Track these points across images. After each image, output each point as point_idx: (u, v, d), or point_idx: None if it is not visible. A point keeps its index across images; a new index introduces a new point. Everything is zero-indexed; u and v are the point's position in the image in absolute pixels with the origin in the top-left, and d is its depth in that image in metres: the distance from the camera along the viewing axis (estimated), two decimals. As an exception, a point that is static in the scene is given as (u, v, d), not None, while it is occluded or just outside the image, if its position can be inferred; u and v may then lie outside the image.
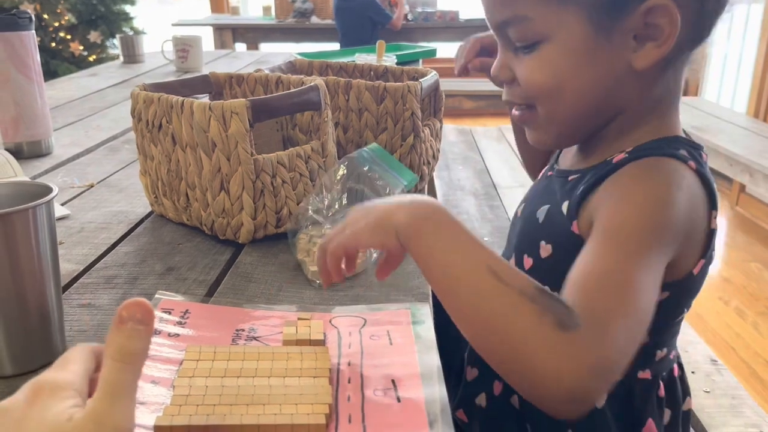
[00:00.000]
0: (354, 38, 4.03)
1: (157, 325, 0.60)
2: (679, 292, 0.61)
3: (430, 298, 0.67)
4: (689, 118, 3.18)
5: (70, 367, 0.39)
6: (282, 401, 0.48)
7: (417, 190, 0.99)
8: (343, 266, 0.57)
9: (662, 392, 0.66)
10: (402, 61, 1.99)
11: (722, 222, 3.23)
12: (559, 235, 0.64)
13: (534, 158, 0.88)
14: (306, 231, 0.77)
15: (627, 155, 0.60)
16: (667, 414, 0.68)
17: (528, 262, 0.69)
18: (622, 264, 0.50)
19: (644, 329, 0.50)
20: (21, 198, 0.54)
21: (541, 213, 0.67)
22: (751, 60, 3.54)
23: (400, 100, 0.92)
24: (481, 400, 0.72)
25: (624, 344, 0.47)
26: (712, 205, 0.58)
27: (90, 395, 0.38)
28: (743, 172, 2.74)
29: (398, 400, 0.51)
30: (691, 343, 1.29)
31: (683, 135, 0.64)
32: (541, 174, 0.76)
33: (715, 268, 2.71)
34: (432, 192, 2.23)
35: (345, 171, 0.80)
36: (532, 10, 0.57)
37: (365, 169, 0.80)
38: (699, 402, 1.10)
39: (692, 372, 1.19)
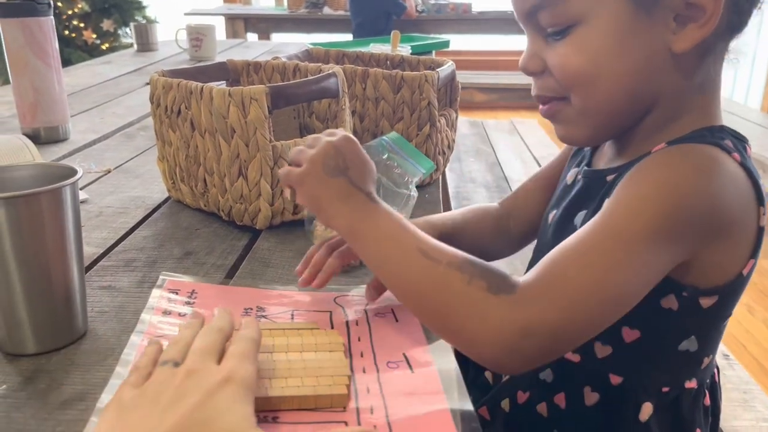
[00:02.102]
0: (369, 29, 4.02)
1: (166, 305, 0.61)
2: (727, 296, 0.58)
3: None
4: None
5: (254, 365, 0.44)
6: (303, 374, 0.49)
7: (432, 179, 0.99)
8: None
9: (708, 401, 0.64)
10: (415, 52, 1.99)
11: (734, 218, 3.21)
12: None
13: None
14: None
15: (667, 144, 0.56)
16: (710, 422, 0.66)
17: None
18: (603, 243, 0.50)
19: (606, 316, 0.51)
20: (46, 179, 0.55)
21: (579, 219, 0.63)
22: (765, 55, 3.51)
23: (417, 90, 0.92)
24: (505, 404, 0.70)
25: (568, 316, 0.49)
26: (760, 201, 0.54)
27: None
28: (758, 169, 2.72)
29: (411, 371, 0.52)
30: (703, 338, 1.29)
31: (727, 126, 0.59)
32: (569, 178, 0.70)
33: (726, 265, 2.70)
34: (443, 184, 2.23)
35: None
36: None
37: (384, 157, 0.80)
38: (710, 395, 1.10)
39: (704, 366, 1.19)
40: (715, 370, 0.66)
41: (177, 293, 0.63)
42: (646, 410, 0.61)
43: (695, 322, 0.58)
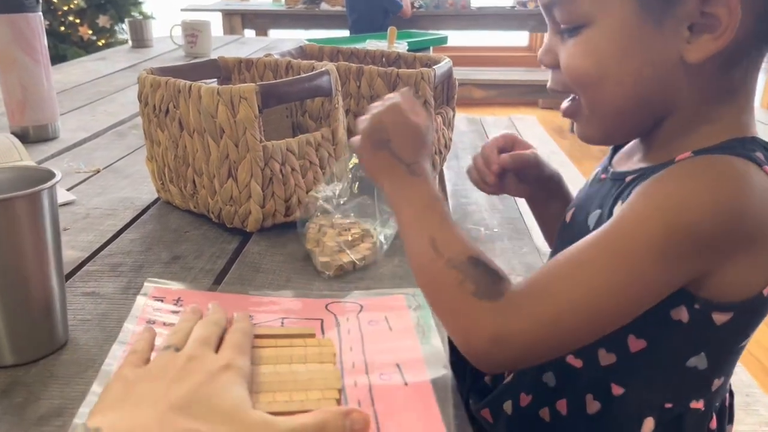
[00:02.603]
0: (365, 26, 3.99)
1: (151, 314, 0.58)
2: (744, 314, 0.54)
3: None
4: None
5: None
6: (291, 388, 0.47)
7: (428, 179, 0.97)
8: None
9: (714, 424, 0.60)
10: (413, 49, 1.97)
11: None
12: None
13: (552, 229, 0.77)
14: (315, 220, 0.75)
15: (693, 154, 0.53)
16: None
17: None
18: (599, 260, 0.49)
19: (588, 335, 0.50)
20: (24, 183, 0.53)
21: (593, 218, 0.61)
22: (766, 51, 3.49)
23: (413, 88, 0.89)
24: (508, 407, 0.68)
25: (546, 331, 0.49)
26: None
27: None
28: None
29: (405, 384, 0.50)
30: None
31: (759, 138, 0.55)
32: (591, 178, 0.68)
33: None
34: (441, 181, 2.20)
35: (357, 159, 0.78)
36: None
37: (377, 157, 0.78)
38: (712, 399, 1.08)
39: (705, 368, 1.17)
40: (727, 395, 0.63)
41: (162, 301, 0.61)
42: (648, 425, 0.58)
43: (706, 339, 0.55)
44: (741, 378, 1.15)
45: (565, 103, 0.61)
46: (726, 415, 0.63)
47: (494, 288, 0.50)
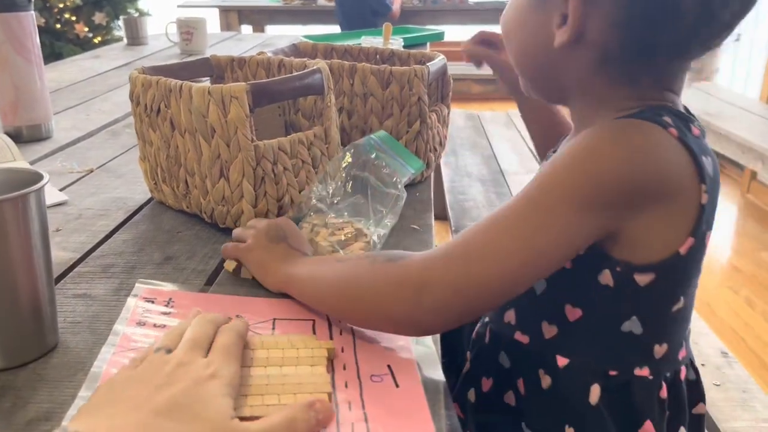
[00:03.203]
0: (354, 27, 3.97)
1: (141, 316, 0.58)
2: (665, 275, 0.56)
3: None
4: (701, 103, 3.13)
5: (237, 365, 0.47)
6: (280, 391, 0.46)
7: (423, 177, 0.96)
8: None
9: (664, 393, 0.61)
10: (409, 45, 1.96)
11: (732, 210, 3.19)
12: None
13: (543, 138, 0.92)
14: (308, 220, 0.75)
15: (602, 122, 0.58)
16: (666, 417, 0.62)
17: None
18: (513, 211, 0.53)
19: (510, 276, 0.52)
20: (11, 186, 0.52)
21: None
22: (764, 44, 3.48)
23: (407, 85, 0.89)
24: (471, 395, 0.70)
25: (465, 271, 0.52)
26: (701, 179, 0.54)
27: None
28: (755, 160, 2.69)
29: (396, 385, 0.49)
30: (702, 335, 1.26)
31: (669, 106, 0.58)
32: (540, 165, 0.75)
33: (724, 257, 2.68)
34: (438, 179, 2.21)
35: (351, 158, 0.78)
36: None
37: (372, 156, 0.77)
38: (709, 396, 1.08)
39: (702, 364, 1.17)
40: (684, 368, 0.63)
41: (153, 302, 0.60)
42: (595, 392, 0.60)
43: (634, 302, 0.58)
44: (738, 373, 1.15)
45: None
46: (683, 389, 0.63)
47: (407, 254, 0.56)
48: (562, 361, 0.61)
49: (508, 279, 0.52)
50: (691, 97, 3.26)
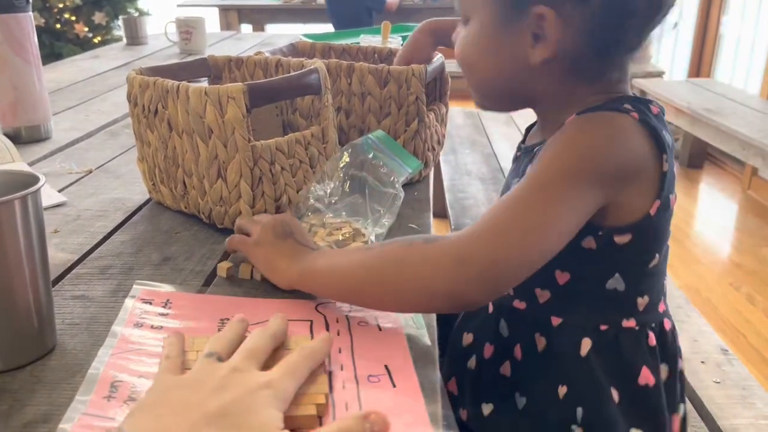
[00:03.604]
0: (347, 25, 3.95)
1: (138, 318, 0.58)
2: (640, 234, 0.64)
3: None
4: (701, 99, 3.13)
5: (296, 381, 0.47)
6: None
7: (422, 176, 0.96)
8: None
9: (653, 341, 0.67)
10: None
11: (733, 206, 3.19)
12: None
13: None
14: (306, 219, 0.75)
15: (576, 115, 0.64)
16: (664, 369, 0.68)
17: None
18: (528, 192, 0.58)
19: (536, 248, 0.57)
20: (7, 188, 0.52)
21: (514, 184, 0.71)
22: (764, 41, 3.47)
23: (404, 84, 0.89)
24: (472, 362, 0.73)
25: (500, 244, 0.56)
26: (661, 149, 0.62)
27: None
28: (755, 156, 2.69)
29: (393, 385, 0.49)
30: (702, 332, 1.26)
31: (625, 95, 0.67)
32: (513, 158, 0.80)
33: (725, 253, 2.68)
34: (438, 177, 2.20)
35: (348, 158, 0.78)
36: None
37: (369, 156, 0.77)
38: (709, 393, 1.08)
39: (702, 362, 1.17)
40: (667, 320, 0.70)
41: (151, 303, 0.61)
42: (585, 345, 0.66)
43: (616, 260, 0.65)
44: (738, 371, 1.15)
45: None
46: (669, 338, 0.70)
47: (441, 235, 0.59)
48: (556, 321, 0.67)
49: (535, 249, 0.58)
50: (691, 93, 3.26)
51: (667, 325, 0.70)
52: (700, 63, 4.12)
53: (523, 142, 0.77)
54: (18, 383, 0.51)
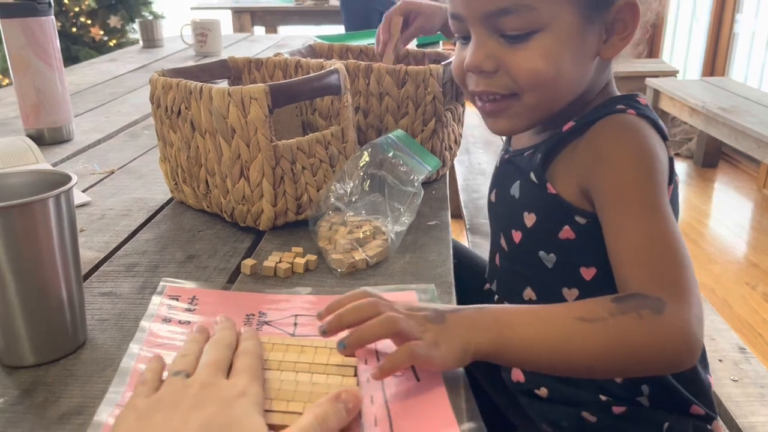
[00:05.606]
0: (359, 27, 3.95)
1: (166, 312, 0.59)
2: None
3: (453, 287, 0.66)
4: (716, 98, 3.11)
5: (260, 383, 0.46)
6: (306, 399, 0.47)
7: (439, 175, 0.97)
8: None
9: None
10: (421, 44, 1.97)
11: (749, 205, 3.16)
12: (538, 200, 0.69)
13: None
14: (327, 218, 0.76)
15: (575, 123, 0.66)
16: None
17: (517, 235, 0.72)
18: (650, 224, 0.58)
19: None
20: (40, 186, 0.54)
21: (515, 189, 0.72)
22: (780, 39, 3.44)
23: (422, 84, 0.90)
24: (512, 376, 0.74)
25: (694, 283, 0.55)
26: (663, 137, 0.65)
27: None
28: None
29: (417, 379, 0.50)
30: (718, 330, 1.26)
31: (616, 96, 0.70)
32: (498, 161, 0.80)
33: (741, 253, 2.66)
34: (452, 177, 2.21)
35: (368, 157, 0.79)
36: (534, 0, 0.60)
37: (389, 155, 0.78)
38: (726, 391, 1.08)
39: (720, 360, 1.17)
40: None
41: (177, 299, 0.62)
42: None
43: None
44: (755, 369, 1.14)
45: (489, 103, 0.67)
46: None
47: (649, 297, 0.54)
48: None
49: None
50: (706, 92, 3.24)
51: None
52: (714, 61, 4.10)
53: (509, 144, 0.78)
54: (52, 376, 0.52)
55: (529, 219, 0.70)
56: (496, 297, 0.79)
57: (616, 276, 0.58)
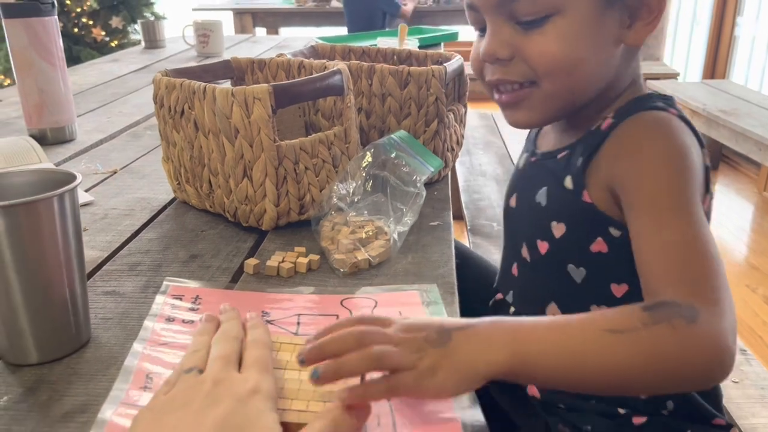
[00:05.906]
0: (362, 28, 3.96)
1: (170, 312, 0.60)
2: None
3: (456, 287, 0.66)
4: (717, 101, 3.11)
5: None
6: (310, 397, 0.47)
7: (441, 176, 0.97)
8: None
9: None
10: (423, 45, 1.97)
11: (749, 208, 3.17)
12: (569, 209, 0.65)
13: None
14: (329, 218, 0.76)
15: (613, 120, 0.63)
16: None
17: (543, 246, 0.68)
18: (683, 229, 0.54)
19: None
20: (45, 185, 0.54)
21: (542, 196, 0.68)
22: (781, 41, 3.45)
23: (424, 85, 0.90)
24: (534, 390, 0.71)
25: (728, 292, 0.52)
26: (701, 144, 0.61)
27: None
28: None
29: None
30: (720, 332, 1.26)
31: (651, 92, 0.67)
32: (522, 163, 0.76)
33: (742, 255, 2.66)
34: (453, 178, 2.21)
35: (371, 158, 0.79)
36: None
37: (392, 156, 0.78)
38: (727, 393, 1.08)
39: (720, 362, 1.17)
40: None
41: (181, 299, 0.62)
42: None
43: None
44: (756, 371, 1.14)
45: (506, 94, 0.65)
46: None
47: (685, 309, 0.49)
48: None
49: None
50: (706, 94, 3.24)
51: None
52: (715, 64, 4.10)
53: (534, 146, 0.74)
54: (56, 375, 0.52)
55: (558, 229, 0.66)
56: (512, 309, 0.75)
57: (643, 280, 0.54)
